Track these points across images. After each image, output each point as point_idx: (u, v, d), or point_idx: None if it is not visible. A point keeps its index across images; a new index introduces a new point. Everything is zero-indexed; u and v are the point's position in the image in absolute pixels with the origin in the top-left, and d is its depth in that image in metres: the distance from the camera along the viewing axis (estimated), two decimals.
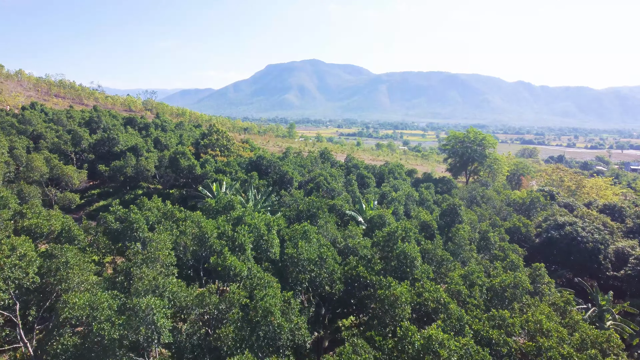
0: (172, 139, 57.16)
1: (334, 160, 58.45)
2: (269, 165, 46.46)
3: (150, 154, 49.55)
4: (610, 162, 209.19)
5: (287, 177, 42.73)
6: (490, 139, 61.04)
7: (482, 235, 30.28)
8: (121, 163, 46.39)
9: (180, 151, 43.05)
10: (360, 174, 49.64)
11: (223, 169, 43.61)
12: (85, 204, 50.83)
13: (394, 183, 47.65)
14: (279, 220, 28.32)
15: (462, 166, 61.93)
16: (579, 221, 39.24)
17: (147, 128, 66.66)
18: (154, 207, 27.29)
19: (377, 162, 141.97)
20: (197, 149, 51.69)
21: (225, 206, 28.17)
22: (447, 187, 52.15)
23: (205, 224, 23.24)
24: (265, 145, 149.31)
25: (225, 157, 50.93)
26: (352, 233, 28.24)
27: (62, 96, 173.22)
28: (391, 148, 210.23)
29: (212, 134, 52.35)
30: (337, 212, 38.21)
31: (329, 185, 43.33)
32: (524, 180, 73.34)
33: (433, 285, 19.36)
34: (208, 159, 44.72)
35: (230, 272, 19.44)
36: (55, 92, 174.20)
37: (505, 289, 19.86)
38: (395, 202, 40.01)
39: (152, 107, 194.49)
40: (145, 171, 45.36)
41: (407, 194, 43.94)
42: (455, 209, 31.47)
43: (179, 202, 46.76)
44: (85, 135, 50.97)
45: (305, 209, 31.09)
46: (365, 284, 20.66)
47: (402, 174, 54.28)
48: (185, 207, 44.76)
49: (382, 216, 30.67)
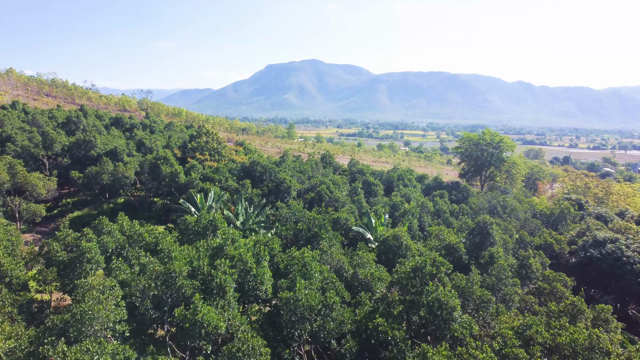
0: (157, 141, 51.74)
1: (337, 165, 53.07)
2: (263, 171, 41.10)
3: (131, 158, 44.16)
4: (617, 163, 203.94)
5: (284, 185, 37.39)
6: (508, 141, 55.65)
7: (521, 262, 24.92)
8: (97, 169, 40.97)
9: (162, 156, 37.64)
10: (367, 181, 44.27)
11: (211, 177, 38.23)
12: (59, 214, 45.39)
13: (405, 192, 42.27)
14: (273, 244, 22.99)
15: (477, 171, 56.53)
16: (621, 237, 33.91)
17: (133, 129, 61.23)
18: (115, 229, 21.88)
19: (379, 164, 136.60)
20: (184, 153, 46.27)
21: (206, 227, 22.81)
22: (462, 195, 46.81)
23: (176, 254, 17.90)
24: (264, 146, 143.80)
25: (216, 161, 45.54)
26: (363, 259, 22.90)
27: (53, 95, 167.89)
28: (393, 149, 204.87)
29: (201, 135, 46.93)
30: (342, 226, 32.91)
31: (331, 194, 38.00)
32: (540, 185, 68.05)
33: (480, 346, 14.06)
34: (194, 165, 39.34)
35: (202, 331, 14.11)
36: (47, 92, 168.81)
37: (576, 351, 14.55)
38: (408, 216, 34.66)
39: (148, 107, 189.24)
40: (123, 178, 39.95)
41: (421, 205, 38.60)
42: (487, 228, 26.10)
43: (161, 215, 41.43)
44: (58, 138, 45.53)
45: (305, 227, 25.78)
46: (386, 341, 15.39)
47: (412, 180, 48.89)
48: (168, 221, 39.47)
49: (397, 237, 25.33)
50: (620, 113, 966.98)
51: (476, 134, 59.62)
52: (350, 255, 24.23)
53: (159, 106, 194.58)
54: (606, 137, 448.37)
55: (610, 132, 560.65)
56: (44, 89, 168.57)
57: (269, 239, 24.26)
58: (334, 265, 23.19)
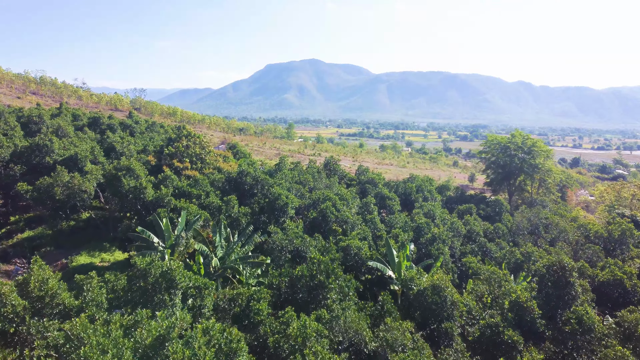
0: (132, 145, 43.95)
1: (342, 173, 45.19)
2: (254, 183, 33.37)
3: (94, 166, 36.38)
4: (628, 164, 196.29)
5: (280, 203, 29.64)
6: (541, 145, 47.70)
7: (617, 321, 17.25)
8: (49, 180, 33.20)
9: (123, 165, 29.83)
10: (381, 194, 36.52)
11: (188, 191, 30.47)
12: (5, 235, 37.67)
13: (428, 208, 34.49)
14: (259, 305, 15.35)
15: (504, 179, 48.54)
16: None
17: (108, 130, 53.33)
18: (9, 294, 14.03)
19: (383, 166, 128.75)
20: (159, 160, 38.48)
21: (156, 283, 15.09)
22: (494, 210, 39.13)
23: (86, 351, 10.24)
24: (262, 147, 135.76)
25: (198, 170, 37.79)
26: (393, 331, 15.25)
27: (40, 94, 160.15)
28: (396, 150, 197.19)
29: (181, 138, 39.14)
30: (352, 257, 25.29)
31: (338, 213, 30.31)
32: (570, 193, 60.42)
33: None
34: (168, 177, 31.56)
35: None
36: (33, 90, 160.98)
37: None
38: (438, 243, 26.95)
39: (141, 106, 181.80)
40: (80, 193, 32.20)
41: (450, 225, 30.90)
42: (566, 278, 18.27)
43: (124, 242, 33.55)
44: (6, 142, 37.74)
45: (306, 274, 18.10)
46: None
47: (433, 192, 41.08)
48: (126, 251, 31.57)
49: (438, 289, 17.66)
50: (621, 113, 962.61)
51: (504, 136, 51.69)
52: (373, 318, 16.58)
53: (153, 105, 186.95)
54: (609, 137, 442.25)
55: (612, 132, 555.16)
56: (31, 87, 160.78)
57: (255, 292, 16.59)
58: (350, 338, 15.52)
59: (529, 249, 27.51)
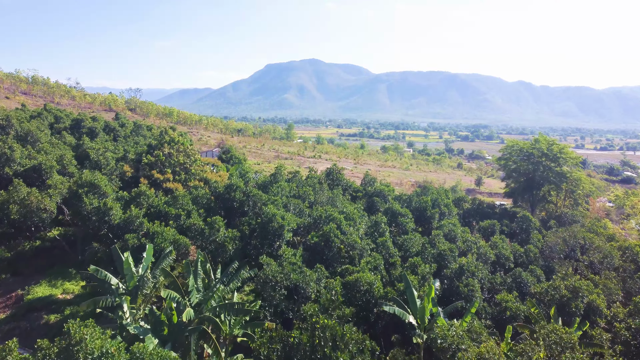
0: (109, 152, 38.95)
1: (347, 184, 40.11)
2: (245, 199, 28.42)
3: (60, 178, 31.36)
4: (636, 166, 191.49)
5: (274, 225, 24.68)
6: (568, 151, 42.57)
7: None
8: (4, 196, 28.27)
9: (86, 181, 24.85)
10: (392, 211, 31.54)
11: (165, 211, 25.52)
12: None
13: (449, 228, 29.48)
14: None
15: (526, 189, 43.42)
16: None
17: (85, 135, 48.21)
18: None
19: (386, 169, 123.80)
20: (137, 170, 33.47)
21: None
22: (520, 227, 34.18)
23: None
24: (260, 149, 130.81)
25: (181, 182, 32.80)
26: None
27: (32, 94, 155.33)
28: (398, 151, 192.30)
29: (163, 145, 34.13)
30: (362, 295, 20.45)
31: (344, 237, 25.37)
32: (591, 201, 55.54)
33: None
34: (142, 193, 26.58)
35: None
36: (24, 90, 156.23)
37: None
38: (467, 277, 22.02)
39: (136, 106, 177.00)
40: (39, 211, 27.24)
41: (478, 252, 25.96)
42: None
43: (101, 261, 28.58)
44: None
45: (305, 342, 13.22)
46: None
47: (450, 206, 36.09)
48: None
49: None
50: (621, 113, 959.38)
51: (527, 142, 46.60)
52: None
53: (149, 105, 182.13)
54: (610, 138, 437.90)
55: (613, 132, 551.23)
56: (21, 87, 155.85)
57: None
58: None
59: (575, 283, 22.68)
